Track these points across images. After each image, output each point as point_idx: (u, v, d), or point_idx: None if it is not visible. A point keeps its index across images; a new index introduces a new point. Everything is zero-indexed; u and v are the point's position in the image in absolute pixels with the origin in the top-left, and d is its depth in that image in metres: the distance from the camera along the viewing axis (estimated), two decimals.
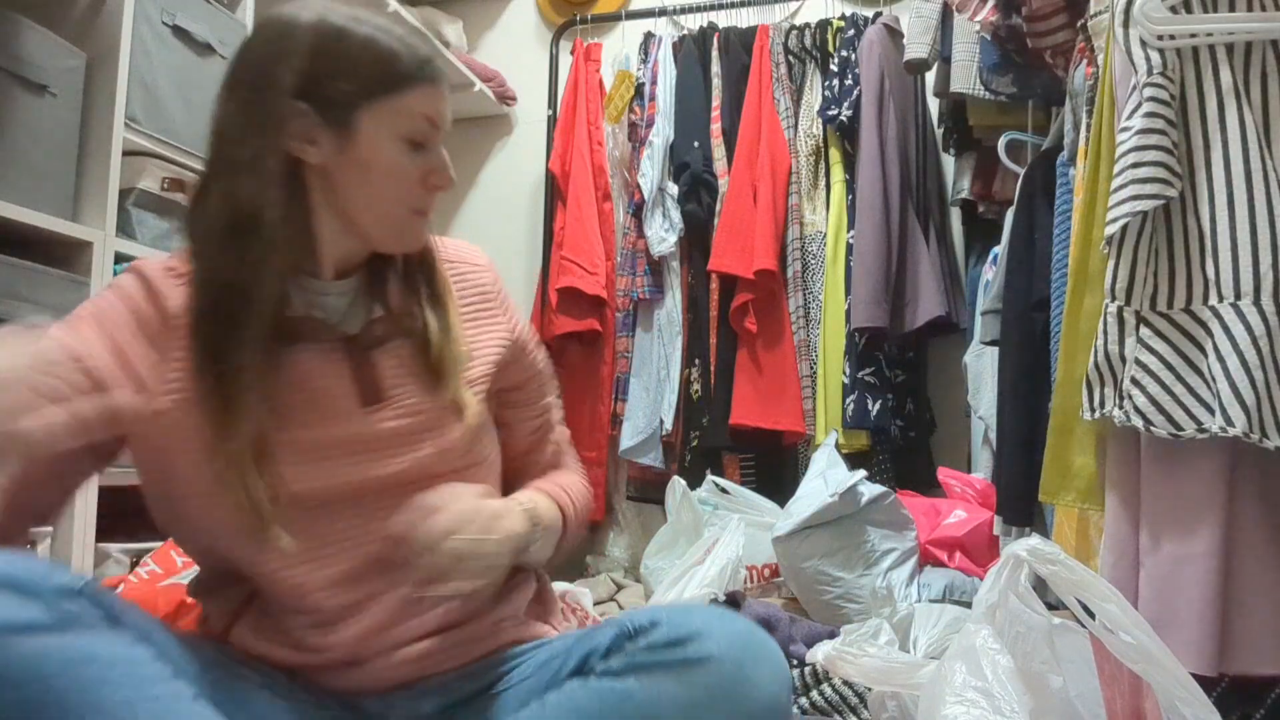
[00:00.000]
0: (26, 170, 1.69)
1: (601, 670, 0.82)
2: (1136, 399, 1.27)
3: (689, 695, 0.77)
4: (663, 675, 0.78)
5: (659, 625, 0.81)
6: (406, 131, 0.93)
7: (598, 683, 0.81)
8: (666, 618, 0.82)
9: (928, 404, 3.02)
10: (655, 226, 3.05)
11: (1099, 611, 0.99)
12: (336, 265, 0.97)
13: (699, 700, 0.76)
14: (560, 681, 0.84)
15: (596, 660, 0.83)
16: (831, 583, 2.16)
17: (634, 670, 0.79)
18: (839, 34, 3.06)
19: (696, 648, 0.79)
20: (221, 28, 2.15)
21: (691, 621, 0.81)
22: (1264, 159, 1.25)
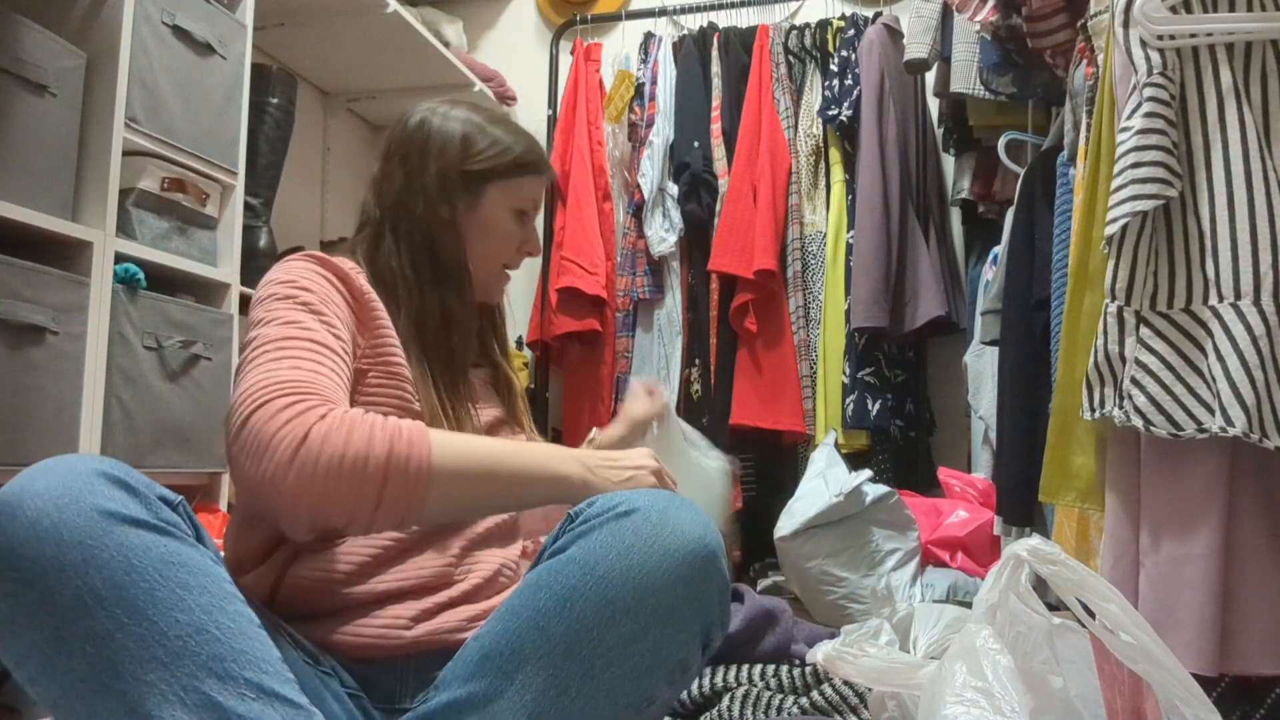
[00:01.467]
0: (26, 170, 1.69)
1: (550, 551, 0.90)
2: (1136, 399, 1.27)
3: (619, 542, 0.84)
4: (596, 533, 0.86)
5: (594, 502, 0.90)
6: (518, 205, 1.23)
7: (546, 562, 0.88)
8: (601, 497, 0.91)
9: (928, 404, 3.02)
10: (655, 226, 3.05)
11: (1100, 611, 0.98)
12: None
13: (629, 544, 0.84)
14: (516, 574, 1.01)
15: (548, 548, 0.91)
16: (835, 583, 2.16)
17: (575, 540, 0.87)
18: (839, 34, 3.06)
19: (624, 506, 0.87)
20: (221, 28, 2.15)
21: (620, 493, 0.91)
22: (1264, 159, 1.25)
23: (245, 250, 2.22)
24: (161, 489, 0.80)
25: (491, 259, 1.22)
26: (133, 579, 0.73)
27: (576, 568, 0.84)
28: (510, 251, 1.24)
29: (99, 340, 1.78)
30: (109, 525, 0.74)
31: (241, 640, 0.76)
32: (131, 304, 1.86)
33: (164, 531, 0.77)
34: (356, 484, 0.86)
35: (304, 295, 1.02)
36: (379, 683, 0.97)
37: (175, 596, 0.74)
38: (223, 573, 0.79)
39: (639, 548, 0.84)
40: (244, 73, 2.23)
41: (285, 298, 1.02)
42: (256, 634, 0.78)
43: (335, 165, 3.29)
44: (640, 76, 3.21)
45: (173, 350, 1.94)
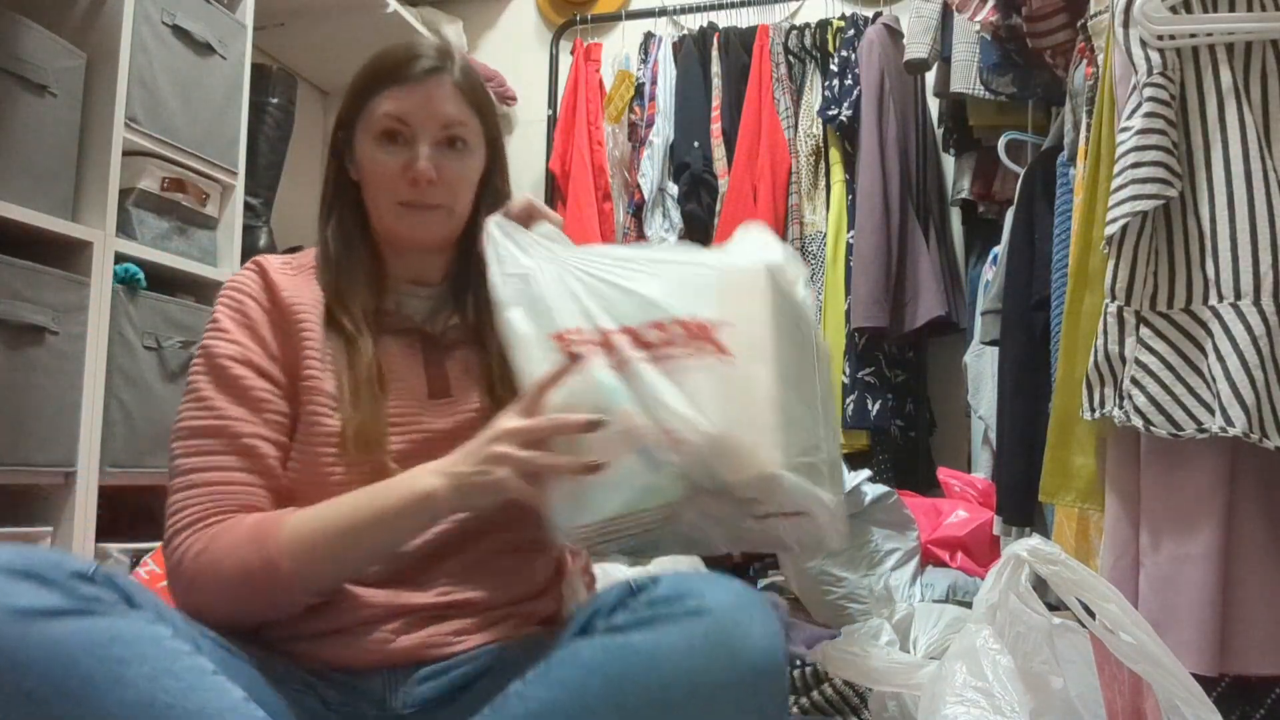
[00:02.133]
0: (26, 170, 1.69)
1: (605, 627, 0.84)
2: (1136, 399, 1.27)
3: (688, 644, 0.80)
4: (663, 627, 0.81)
5: (660, 582, 0.85)
6: (378, 130, 1.05)
7: (602, 639, 0.83)
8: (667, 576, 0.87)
9: (928, 404, 3.02)
10: (655, 226, 3.05)
11: (1100, 612, 0.99)
12: (411, 270, 1.10)
13: (698, 648, 0.80)
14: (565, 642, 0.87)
15: (601, 619, 0.86)
16: (835, 583, 2.16)
17: (637, 624, 0.82)
18: (839, 34, 3.06)
19: (696, 601, 0.82)
20: (221, 28, 2.15)
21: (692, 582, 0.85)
22: (1264, 159, 1.25)
23: (245, 250, 2.22)
24: (74, 563, 0.76)
25: (379, 200, 1.07)
26: (65, 672, 0.70)
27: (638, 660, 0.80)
28: (392, 182, 1.05)
29: (99, 340, 1.78)
30: (26, 625, 0.71)
31: (195, 697, 0.73)
32: (131, 304, 1.86)
33: (86, 612, 0.73)
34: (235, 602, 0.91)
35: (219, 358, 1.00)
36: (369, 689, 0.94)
37: (114, 675, 0.71)
38: (162, 631, 0.76)
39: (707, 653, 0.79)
40: (244, 73, 2.23)
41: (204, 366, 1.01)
42: (211, 683, 0.76)
43: None
44: (640, 76, 3.21)
45: (173, 350, 1.94)
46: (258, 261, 1.08)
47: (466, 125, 1.07)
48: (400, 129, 1.04)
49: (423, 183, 1.04)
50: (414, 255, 1.10)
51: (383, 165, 1.05)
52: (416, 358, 1.07)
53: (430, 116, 1.05)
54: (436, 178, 1.04)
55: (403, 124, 1.04)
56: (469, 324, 1.09)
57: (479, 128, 1.09)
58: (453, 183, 1.06)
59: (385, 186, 1.05)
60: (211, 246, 2.14)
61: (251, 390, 0.99)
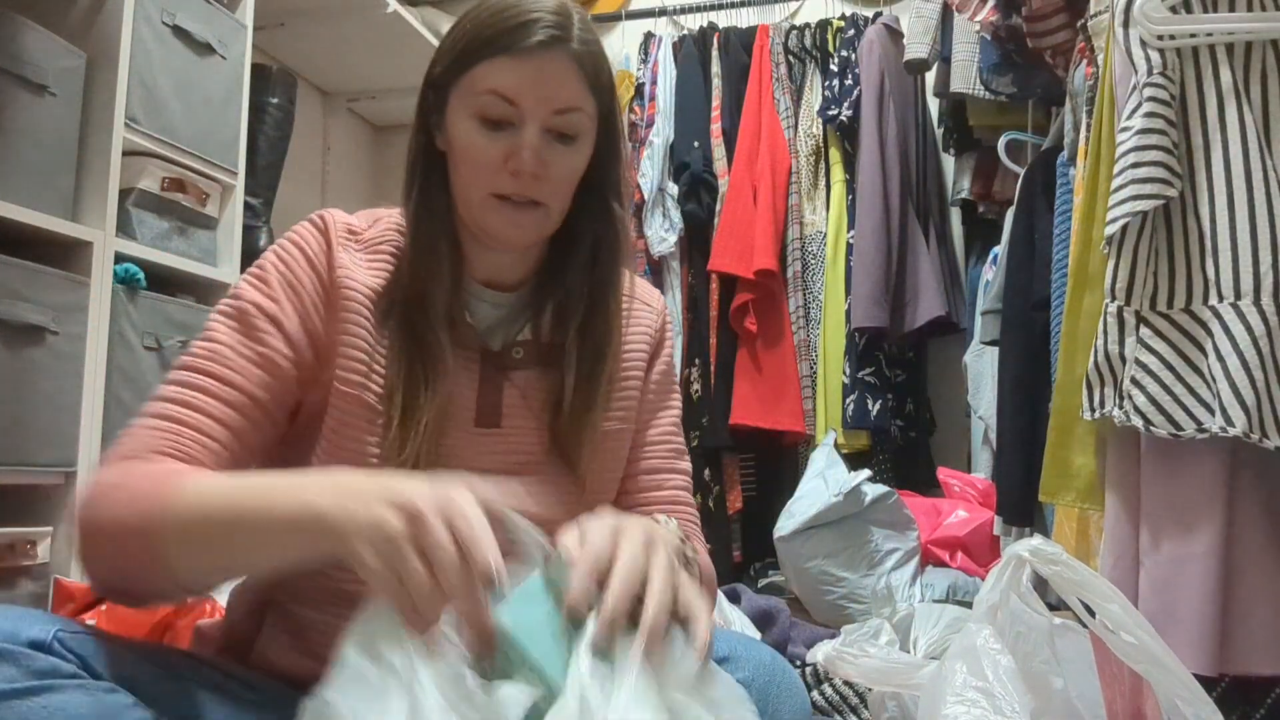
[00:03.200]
0: (26, 170, 1.69)
1: None
2: (1136, 399, 1.27)
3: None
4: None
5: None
6: (479, 108, 0.89)
7: None
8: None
9: (928, 404, 3.02)
10: (655, 226, 3.05)
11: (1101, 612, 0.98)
12: (486, 269, 0.96)
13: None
14: None
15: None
16: (835, 583, 2.16)
17: None
18: (839, 34, 3.06)
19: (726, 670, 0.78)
20: (221, 28, 2.15)
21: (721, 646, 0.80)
22: (1264, 159, 1.25)
23: (245, 250, 2.21)
24: (30, 630, 0.71)
25: (469, 188, 0.91)
26: None
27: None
28: (489, 172, 0.89)
29: (99, 340, 1.78)
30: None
31: None
32: (131, 304, 1.86)
33: (39, 690, 0.68)
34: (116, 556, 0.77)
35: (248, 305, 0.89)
36: None
37: None
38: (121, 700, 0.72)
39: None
40: (244, 73, 2.23)
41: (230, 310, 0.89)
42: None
43: (335, 165, 3.29)
44: (640, 76, 3.21)
45: (173, 350, 1.94)
46: (324, 220, 0.94)
47: (582, 110, 0.91)
48: (506, 110, 0.88)
49: (525, 176, 0.88)
50: (498, 254, 0.95)
51: (479, 150, 0.89)
52: (472, 377, 0.92)
53: (542, 98, 0.88)
54: (542, 172, 0.89)
55: (510, 104, 0.88)
56: (541, 343, 0.95)
57: (594, 110, 0.92)
58: (558, 180, 0.91)
59: (479, 174, 0.90)
60: (211, 246, 2.14)
61: (272, 353, 0.87)
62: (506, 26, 0.88)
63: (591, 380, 0.93)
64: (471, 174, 0.90)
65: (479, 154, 0.89)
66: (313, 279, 0.91)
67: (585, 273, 0.96)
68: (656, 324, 1.04)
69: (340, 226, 0.94)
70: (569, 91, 0.89)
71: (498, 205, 0.90)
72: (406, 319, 0.90)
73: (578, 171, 0.93)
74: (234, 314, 0.89)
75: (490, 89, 0.88)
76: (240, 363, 0.86)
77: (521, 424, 0.93)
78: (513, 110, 0.88)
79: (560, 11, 0.90)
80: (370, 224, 0.96)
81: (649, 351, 1.03)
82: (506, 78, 0.88)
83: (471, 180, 0.91)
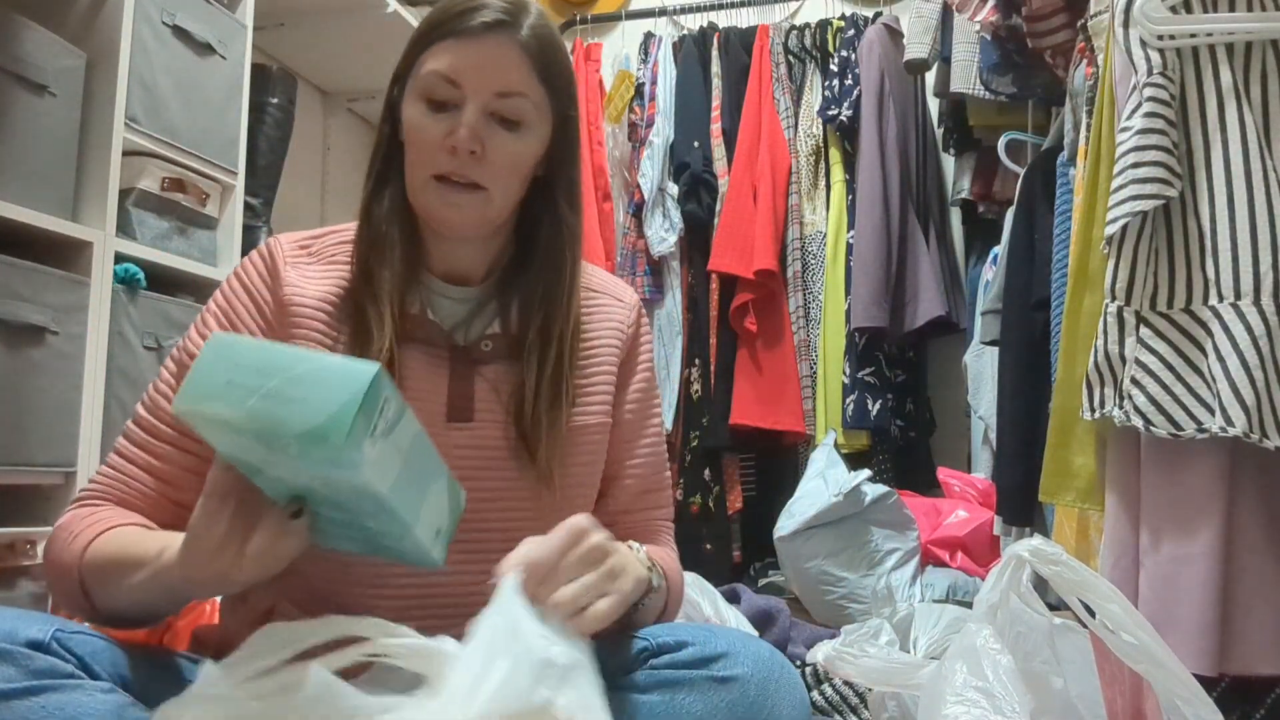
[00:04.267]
0: (26, 170, 1.69)
1: (625, 684, 0.80)
2: (1136, 399, 1.27)
3: (712, 713, 0.77)
4: (687, 692, 0.78)
5: (686, 645, 0.81)
6: (423, 90, 0.91)
7: (621, 696, 0.79)
8: (693, 637, 0.82)
9: (928, 404, 3.02)
10: (655, 226, 3.05)
11: (1101, 612, 0.98)
12: (444, 262, 0.97)
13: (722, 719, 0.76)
14: None
15: (619, 675, 0.82)
16: (835, 583, 2.16)
17: (658, 686, 0.79)
18: (839, 34, 3.06)
19: (723, 667, 0.78)
20: (221, 28, 2.15)
21: (718, 642, 0.81)
22: (1264, 159, 1.25)
23: (245, 250, 2.21)
24: (28, 630, 0.72)
25: (414, 169, 0.92)
26: None
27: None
28: (430, 151, 0.90)
29: (99, 340, 1.78)
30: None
31: None
32: (131, 304, 1.86)
33: (37, 690, 0.69)
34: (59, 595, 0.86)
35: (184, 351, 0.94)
36: None
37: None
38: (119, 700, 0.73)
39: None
40: (244, 73, 2.23)
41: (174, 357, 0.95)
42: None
43: (335, 165, 3.29)
44: (640, 76, 3.21)
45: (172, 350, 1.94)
46: (269, 246, 0.97)
47: (527, 96, 0.91)
48: (448, 91, 0.90)
49: (462, 153, 0.89)
50: (453, 245, 0.96)
51: (422, 130, 0.90)
52: (441, 373, 0.93)
53: (484, 80, 0.89)
54: (480, 150, 0.89)
55: (451, 85, 0.89)
56: (510, 336, 0.95)
57: (544, 100, 0.93)
58: (498, 162, 0.91)
59: (421, 154, 0.91)
60: (211, 246, 2.14)
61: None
62: (454, 13, 0.91)
63: (553, 376, 0.94)
64: (416, 155, 0.92)
65: (421, 134, 0.90)
66: (251, 308, 0.94)
67: (541, 274, 0.97)
68: (629, 318, 1.04)
69: (289, 247, 0.96)
70: (513, 75, 0.90)
71: (437, 186, 0.91)
72: (357, 308, 0.92)
73: (522, 158, 0.93)
74: (175, 360, 0.95)
75: (433, 70, 0.90)
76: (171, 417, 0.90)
77: (492, 418, 0.93)
78: (455, 91, 0.90)
79: (512, 1, 0.92)
80: (324, 234, 0.99)
81: (620, 347, 1.02)
82: (449, 59, 0.89)
83: (415, 161, 0.92)
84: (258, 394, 0.66)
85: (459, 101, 0.90)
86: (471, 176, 0.90)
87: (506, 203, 0.94)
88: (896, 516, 2.26)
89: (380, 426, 0.67)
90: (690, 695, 0.77)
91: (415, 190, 0.92)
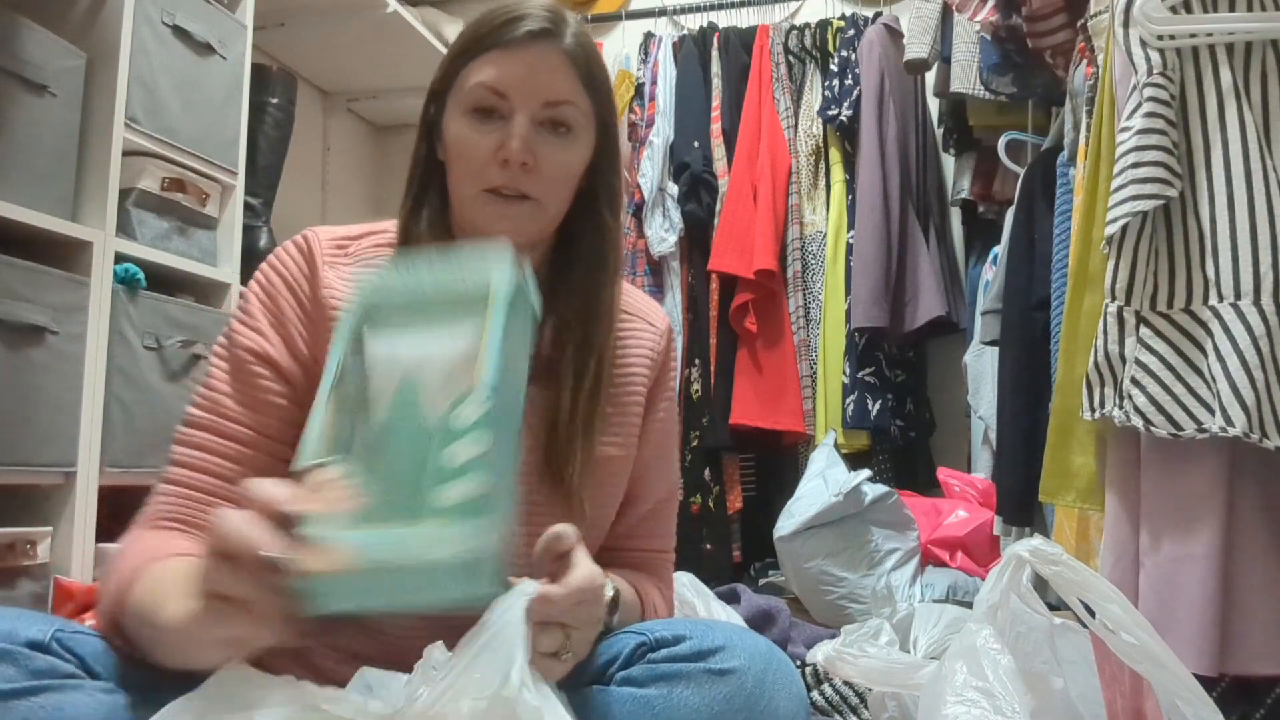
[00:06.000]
0: (26, 170, 1.69)
1: (621, 678, 0.81)
2: (1136, 399, 1.27)
3: (709, 706, 0.76)
4: (684, 685, 0.78)
5: (684, 639, 0.80)
6: (470, 104, 0.89)
7: (618, 690, 0.79)
8: (690, 631, 0.82)
9: (928, 404, 3.02)
10: (655, 226, 3.05)
11: (1101, 612, 0.98)
12: None
13: (719, 711, 0.76)
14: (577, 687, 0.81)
15: (616, 669, 0.82)
16: (835, 583, 2.16)
17: (656, 680, 0.79)
18: (839, 34, 3.06)
19: (720, 660, 0.78)
20: (221, 28, 2.15)
21: (715, 636, 0.81)
22: (1264, 159, 1.25)
23: (245, 250, 2.21)
24: (28, 630, 0.71)
25: (462, 184, 0.91)
26: None
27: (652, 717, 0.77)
28: (480, 164, 0.89)
29: (99, 340, 1.78)
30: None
31: None
32: (131, 304, 1.86)
33: (37, 690, 0.69)
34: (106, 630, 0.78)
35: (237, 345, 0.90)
36: None
37: None
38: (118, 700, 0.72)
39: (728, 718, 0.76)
40: (244, 73, 2.23)
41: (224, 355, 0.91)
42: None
43: (335, 165, 3.29)
44: (640, 76, 3.21)
45: (173, 350, 1.94)
46: (308, 241, 0.94)
47: (575, 104, 0.90)
48: (495, 102, 0.89)
49: (514, 165, 0.87)
50: None
51: (471, 144, 0.89)
52: None
53: (532, 90, 0.88)
54: (531, 162, 0.88)
55: (499, 96, 0.88)
56: (542, 357, 0.91)
57: (589, 108, 0.92)
58: (550, 172, 0.90)
59: (470, 169, 0.89)
60: (211, 246, 2.14)
61: (267, 395, 0.88)
62: (496, 24, 0.89)
63: (589, 402, 0.91)
64: (464, 170, 0.90)
65: (470, 148, 0.89)
66: (294, 305, 0.91)
67: (581, 287, 0.94)
68: (660, 345, 1.02)
69: (326, 244, 0.93)
70: (560, 84, 0.89)
71: (489, 199, 0.89)
72: None
73: (572, 168, 0.92)
74: (228, 358, 0.90)
75: (480, 83, 0.89)
76: (238, 411, 0.87)
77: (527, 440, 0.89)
78: (503, 103, 0.89)
79: (553, 10, 0.91)
80: (362, 234, 0.96)
81: (650, 374, 1.01)
82: (495, 70, 0.88)
83: (464, 176, 0.90)
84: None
85: (506, 113, 0.89)
86: (523, 188, 0.89)
87: (559, 213, 0.93)
88: (896, 516, 2.27)
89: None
90: (688, 688, 0.77)
91: (464, 205, 0.91)
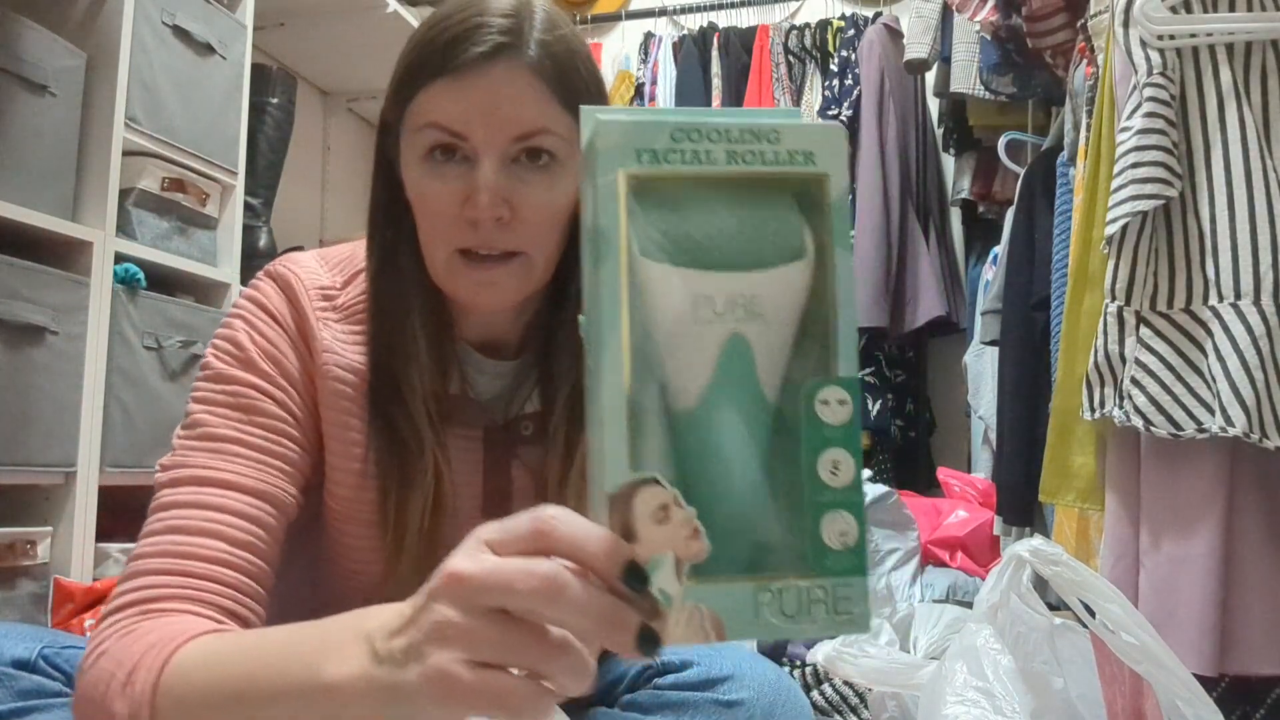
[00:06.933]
0: (26, 170, 1.69)
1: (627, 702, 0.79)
2: (1136, 399, 1.27)
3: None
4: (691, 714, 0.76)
5: (691, 665, 0.79)
6: (424, 146, 0.72)
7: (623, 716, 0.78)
8: (698, 655, 0.80)
9: (928, 404, 3.02)
10: None
11: (1101, 612, 0.98)
12: (478, 330, 0.80)
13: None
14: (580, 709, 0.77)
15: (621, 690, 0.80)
16: None
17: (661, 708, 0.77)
18: (839, 34, 3.06)
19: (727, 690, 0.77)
20: (221, 28, 2.15)
21: (723, 663, 0.79)
22: (1264, 159, 1.25)
23: (245, 250, 2.21)
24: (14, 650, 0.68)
25: (430, 246, 0.74)
26: None
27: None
28: (445, 223, 0.72)
29: (99, 340, 1.78)
30: None
31: None
32: (131, 304, 1.86)
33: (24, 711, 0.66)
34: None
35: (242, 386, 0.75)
36: None
37: None
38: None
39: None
40: (244, 73, 2.23)
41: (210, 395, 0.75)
42: None
43: (335, 165, 3.29)
44: (640, 76, 3.21)
45: (173, 350, 1.94)
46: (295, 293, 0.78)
47: (551, 131, 0.72)
48: (455, 143, 0.71)
49: (487, 224, 0.70)
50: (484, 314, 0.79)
51: (432, 197, 0.72)
52: (476, 460, 0.79)
53: (496, 126, 0.70)
54: (508, 215, 0.71)
55: (456, 137, 0.71)
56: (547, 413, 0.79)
57: (572, 128, 0.72)
58: (533, 218, 0.72)
59: (436, 227, 0.73)
60: (211, 246, 2.14)
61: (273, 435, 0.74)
62: (441, 42, 0.71)
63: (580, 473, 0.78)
64: (429, 228, 0.73)
65: (431, 203, 0.72)
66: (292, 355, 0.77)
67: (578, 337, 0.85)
68: None
69: (315, 298, 0.78)
70: (528, 112, 0.71)
71: (464, 263, 0.73)
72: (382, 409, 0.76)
73: (559, 206, 0.73)
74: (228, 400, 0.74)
75: (431, 122, 0.71)
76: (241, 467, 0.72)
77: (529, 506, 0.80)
78: (464, 144, 0.71)
79: (509, 12, 0.72)
80: (346, 279, 0.80)
81: None
82: (448, 105, 0.70)
83: (430, 236, 0.74)
84: None
85: (470, 154, 0.71)
86: (503, 245, 0.72)
87: (550, 261, 0.76)
88: (896, 516, 2.26)
89: None
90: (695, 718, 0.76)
91: (436, 270, 0.74)
